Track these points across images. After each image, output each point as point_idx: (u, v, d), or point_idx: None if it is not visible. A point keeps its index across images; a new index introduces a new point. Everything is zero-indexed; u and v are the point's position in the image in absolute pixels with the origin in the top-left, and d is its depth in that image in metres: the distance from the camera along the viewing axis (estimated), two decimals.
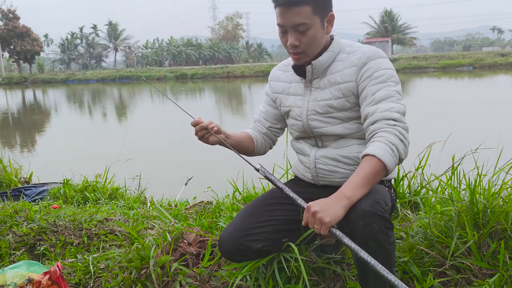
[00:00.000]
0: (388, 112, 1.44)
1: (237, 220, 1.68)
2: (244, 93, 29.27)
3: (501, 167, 2.09)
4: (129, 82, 45.85)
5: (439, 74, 34.47)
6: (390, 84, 1.50)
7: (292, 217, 1.69)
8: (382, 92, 1.48)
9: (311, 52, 1.56)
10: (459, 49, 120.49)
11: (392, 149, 1.38)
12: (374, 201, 1.34)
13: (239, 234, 1.62)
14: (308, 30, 1.50)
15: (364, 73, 1.53)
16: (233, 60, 78.88)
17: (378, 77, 1.50)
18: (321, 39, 1.56)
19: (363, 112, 1.51)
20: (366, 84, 1.51)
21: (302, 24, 1.48)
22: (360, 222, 1.32)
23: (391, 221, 1.39)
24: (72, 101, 26.42)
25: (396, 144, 1.39)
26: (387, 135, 1.40)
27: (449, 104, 14.46)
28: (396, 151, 1.39)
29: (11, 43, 59.27)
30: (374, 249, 1.34)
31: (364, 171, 1.36)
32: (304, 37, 1.51)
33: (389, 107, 1.45)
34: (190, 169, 5.67)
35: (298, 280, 1.72)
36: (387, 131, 1.41)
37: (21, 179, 4.43)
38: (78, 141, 10.80)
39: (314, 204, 1.33)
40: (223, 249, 1.65)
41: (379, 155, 1.36)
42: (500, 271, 1.65)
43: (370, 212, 1.32)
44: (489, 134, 6.52)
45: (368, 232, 1.33)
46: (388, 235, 1.36)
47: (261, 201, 1.75)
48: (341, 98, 1.58)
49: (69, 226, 2.57)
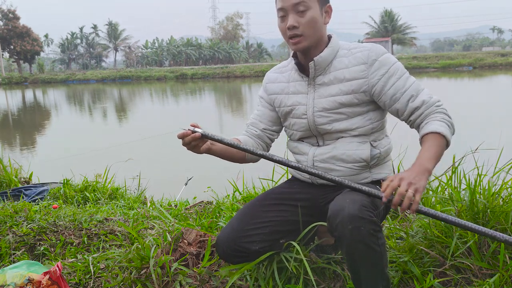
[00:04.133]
0: (432, 100, 1.55)
1: (234, 221, 1.68)
2: (244, 93, 29.28)
3: (501, 167, 2.09)
4: (129, 82, 45.85)
5: (439, 74, 34.47)
6: (406, 75, 1.59)
7: (290, 218, 1.69)
8: (413, 86, 1.56)
9: (309, 34, 1.56)
10: (459, 49, 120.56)
11: (449, 126, 1.50)
12: (361, 205, 1.36)
13: (236, 236, 1.62)
14: (307, 11, 1.53)
15: (377, 70, 1.56)
16: (233, 60, 78.88)
17: (395, 73, 1.57)
18: (320, 26, 1.58)
19: (407, 108, 1.56)
20: (386, 82, 1.56)
21: (301, 2, 1.52)
22: (349, 226, 1.35)
23: (379, 224, 1.40)
24: (72, 101, 26.42)
25: (450, 123, 1.51)
26: (441, 116, 1.52)
27: (449, 104, 14.42)
28: (452, 128, 1.52)
29: (11, 43, 59.28)
30: (364, 251, 1.37)
31: (434, 145, 1.45)
32: (303, 18, 1.54)
33: (426, 97, 1.55)
34: (190, 169, 5.68)
35: (298, 280, 1.72)
36: (440, 111, 1.53)
37: (21, 179, 4.43)
38: (78, 141, 10.79)
39: (403, 175, 1.33)
40: (220, 251, 1.65)
41: (443, 132, 1.46)
42: (500, 271, 1.65)
43: (358, 216, 1.34)
44: (489, 134, 6.53)
45: (356, 235, 1.35)
46: (377, 237, 1.38)
47: (258, 202, 1.74)
48: (349, 94, 1.59)
49: (69, 226, 2.57)
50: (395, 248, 1.89)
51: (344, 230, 1.36)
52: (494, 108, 12.82)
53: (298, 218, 1.70)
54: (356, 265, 1.43)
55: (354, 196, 1.42)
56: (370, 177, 1.65)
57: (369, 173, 1.65)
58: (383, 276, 1.46)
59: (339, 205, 1.39)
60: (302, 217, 1.70)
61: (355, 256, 1.40)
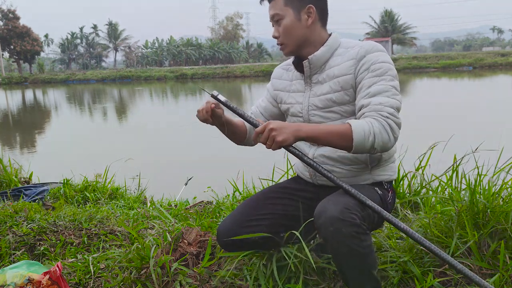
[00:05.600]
0: (382, 106, 1.46)
1: (236, 212, 1.72)
2: (244, 93, 29.26)
3: (501, 167, 2.09)
4: (129, 82, 45.83)
5: (439, 74, 34.45)
6: (386, 78, 1.51)
7: (291, 212, 1.71)
8: (378, 86, 1.49)
9: (288, 42, 1.64)
10: (459, 49, 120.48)
11: (370, 132, 1.41)
12: (344, 208, 1.37)
13: (237, 226, 1.65)
14: (281, 20, 1.62)
15: (362, 66, 1.54)
16: (233, 60, 78.86)
17: (375, 70, 1.52)
18: (299, 30, 1.61)
19: (357, 104, 1.54)
20: (364, 77, 1.53)
21: (275, 15, 1.62)
22: (330, 227, 1.36)
23: (363, 226, 1.39)
24: (72, 101, 26.42)
25: (376, 133, 1.42)
26: (373, 121, 1.44)
27: (449, 104, 14.47)
28: (373, 137, 1.42)
29: (11, 43, 59.27)
30: (346, 253, 1.38)
31: (333, 127, 1.47)
32: (280, 27, 1.63)
33: (383, 101, 1.46)
34: (190, 169, 5.68)
35: (298, 279, 1.72)
36: (376, 119, 1.44)
37: (21, 179, 4.43)
38: (78, 141, 10.79)
39: (274, 123, 1.44)
40: (221, 240, 1.68)
41: (354, 126, 1.42)
42: (500, 271, 1.65)
43: (338, 218, 1.35)
44: (489, 134, 6.52)
45: (338, 237, 1.36)
46: (360, 239, 1.37)
47: (261, 195, 1.77)
48: (339, 92, 1.59)
49: (69, 226, 2.57)
50: (395, 248, 1.89)
51: (326, 231, 1.37)
52: (494, 108, 12.81)
53: (299, 213, 1.70)
54: (341, 266, 1.45)
55: (340, 198, 1.42)
56: (371, 178, 1.65)
57: (369, 174, 1.65)
58: (371, 277, 1.45)
59: (323, 206, 1.40)
60: (303, 213, 1.70)
61: (339, 258, 1.42)
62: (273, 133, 1.42)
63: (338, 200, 1.40)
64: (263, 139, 1.44)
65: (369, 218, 1.46)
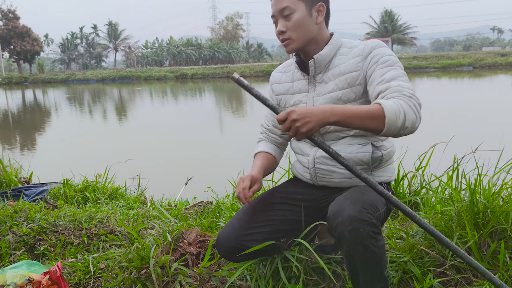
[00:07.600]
0: (401, 87, 1.43)
1: (235, 220, 1.69)
2: (244, 93, 29.25)
3: (501, 167, 2.09)
4: (129, 82, 45.84)
5: (439, 74, 34.46)
6: (396, 68, 1.52)
7: (291, 217, 1.70)
8: (392, 72, 1.49)
9: (297, 37, 1.59)
10: (459, 49, 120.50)
11: (401, 111, 1.35)
12: (362, 207, 1.36)
13: (237, 234, 1.63)
14: (292, 14, 1.57)
15: (371, 60, 1.55)
16: (233, 60, 78.86)
17: (384, 62, 1.53)
18: (309, 26, 1.59)
19: (373, 92, 1.50)
20: (374, 69, 1.53)
21: (286, 8, 1.57)
22: (348, 227, 1.34)
23: (379, 226, 1.39)
24: (72, 101, 26.41)
25: (406, 111, 1.36)
26: (400, 101, 1.38)
27: (449, 104, 14.46)
28: (403, 115, 1.35)
29: (11, 43, 59.28)
30: (363, 253, 1.37)
31: (362, 107, 1.36)
32: (289, 22, 1.58)
33: (401, 84, 1.45)
34: (190, 169, 5.68)
35: (298, 280, 1.72)
36: (402, 99, 1.39)
37: (21, 179, 4.43)
38: (78, 141, 10.79)
39: (296, 112, 1.30)
40: (221, 249, 1.66)
41: (384, 105, 1.35)
42: (500, 271, 1.65)
43: (357, 218, 1.34)
44: (489, 134, 6.51)
45: (355, 237, 1.35)
46: (376, 239, 1.37)
47: (260, 201, 1.75)
48: (346, 89, 1.59)
49: (69, 226, 2.57)
50: (395, 248, 1.89)
51: (344, 231, 1.36)
52: (495, 108, 12.81)
53: (299, 217, 1.70)
54: (355, 266, 1.43)
55: (355, 196, 1.41)
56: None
57: (370, 175, 1.64)
58: (382, 278, 1.45)
59: (339, 206, 1.39)
60: (303, 217, 1.70)
61: (353, 257, 1.40)
62: (296, 124, 1.29)
63: (355, 200, 1.39)
64: (284, 129, 1.32)
65: (380, 219, 1.46)
